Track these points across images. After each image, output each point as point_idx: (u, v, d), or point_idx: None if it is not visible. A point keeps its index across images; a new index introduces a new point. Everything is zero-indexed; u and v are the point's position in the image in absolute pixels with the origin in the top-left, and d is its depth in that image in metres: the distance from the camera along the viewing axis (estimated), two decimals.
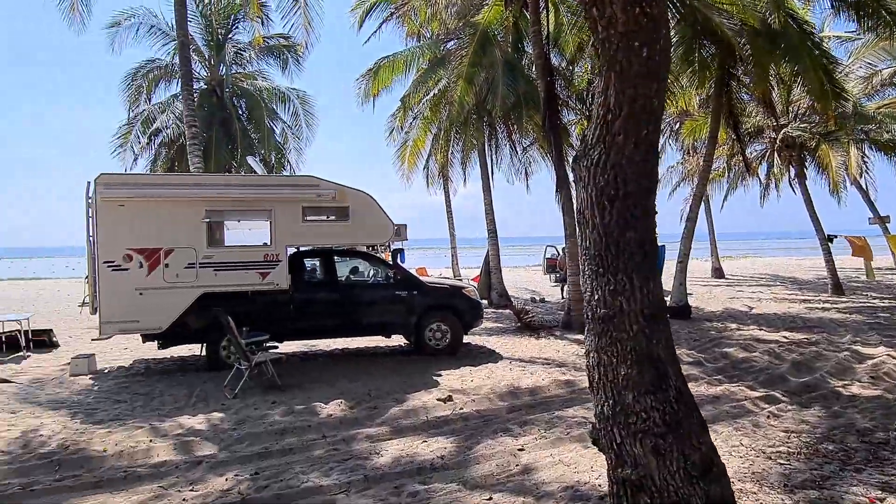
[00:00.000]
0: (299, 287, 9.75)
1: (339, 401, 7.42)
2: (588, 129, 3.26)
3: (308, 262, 10.35)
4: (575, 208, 3.40)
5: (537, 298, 19.59)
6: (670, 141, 26.40)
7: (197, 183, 9.25)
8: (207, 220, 9.05)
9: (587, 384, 3.44)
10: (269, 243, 9.49)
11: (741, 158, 19.37)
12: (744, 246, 75.80)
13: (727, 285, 24.02)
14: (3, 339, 11.07)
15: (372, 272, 10.82)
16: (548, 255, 25.65)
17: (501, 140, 19.76)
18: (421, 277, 11.21)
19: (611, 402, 3.06)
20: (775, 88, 17.15)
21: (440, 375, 8.90)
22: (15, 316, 11.41)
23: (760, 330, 12.36)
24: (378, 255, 11.44)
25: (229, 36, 23.10)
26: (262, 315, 9.48)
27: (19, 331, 11.01)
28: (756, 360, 9.38)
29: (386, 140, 21.37)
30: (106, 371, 9.58)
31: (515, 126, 17.61)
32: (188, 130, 12.68)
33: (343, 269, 10.69)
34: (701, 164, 16.44)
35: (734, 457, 5.28)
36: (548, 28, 13.07)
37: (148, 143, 22.20)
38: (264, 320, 9.43)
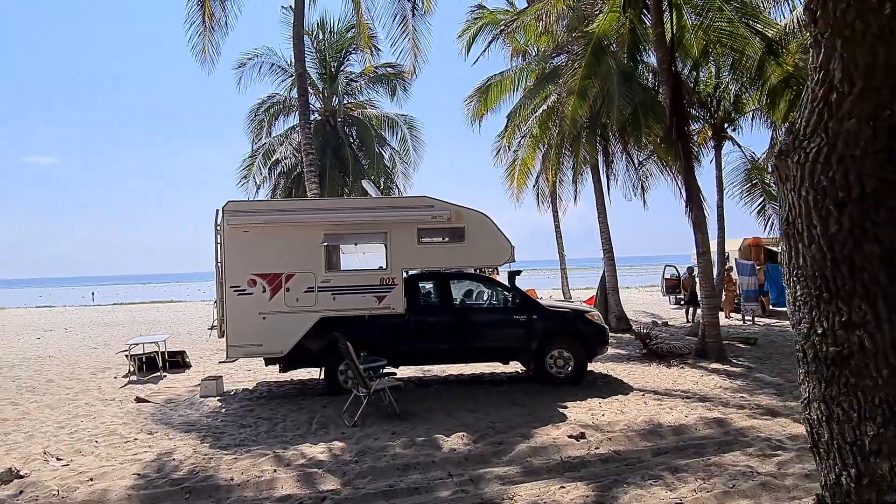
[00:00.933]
0: (415, 311, 9.49)
1: (462, 434, 6.94)
2: (799, 115, 2.57)
3: (423, 286, 10.09)
4: (781, 217, 2.68)
5: (659, 322, 18.16)
6: None
7: (315, 208, 9.35)
8: (325, 244, 9.05)
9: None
10: (384, 267, 9.35)
11: None
12: None
13: None
14: (144, 360, 11.78)
15: (488, 295, 10.36)
16: (667, 276, 23.99)
17: (616, 155, 18.74)
18: (560, 301, 10.59)
19: (852, 471, 2.31)
20: None
21: (566, 408, 8.19)
22: (154, 338, 12.18)
23: None
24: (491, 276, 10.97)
25: (341, 68, 24.10)
26: (378, 339, 9.31)
27: (157, 352, 11.68)
28: None
29: (493, 160, 21.09)
30: (232, 393, 9.81)
31: (632, 139, 16.59)
32: (305, 158, 13.07)
33: (459, 291, 10.32)
34: None
35: None
36: (672, 31, 12.14)
37: (269, 174, 23.54)
38: (380, 345, 9.25)
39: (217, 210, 9.12)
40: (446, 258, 9.43)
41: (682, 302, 18.63)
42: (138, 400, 9.27)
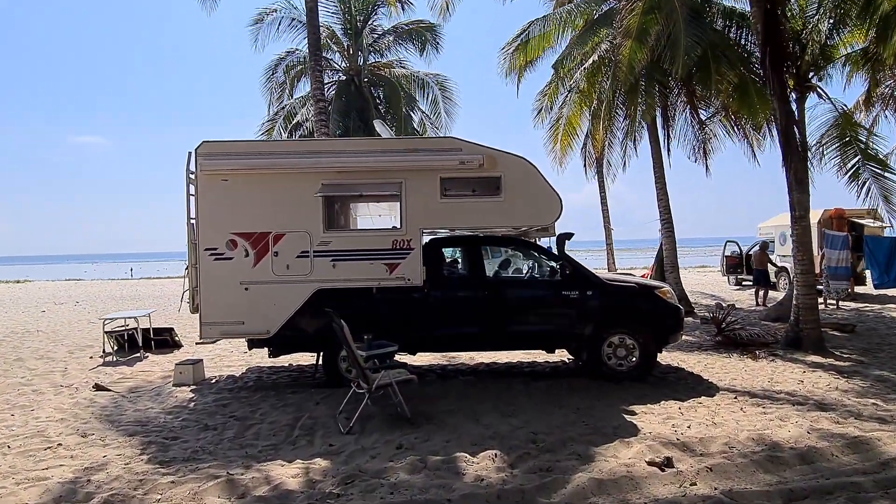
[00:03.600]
0: (437, 283, 7.50)
1: (493, 452, 4.95)
2: None
3: (448, 252, 8.10)
4: None
5: (724, 304, 15.71)
6: (888, 112, 20.85)
7: (312, 150, 7.35)
8: (321, 194, 7.10)
9: None
10: (398, 227, 7.36)
11: None
12: None
13: None
14: (125, 338, 10.15)
15: (531, 265, 8.27)
16: (728, 253, 21.43)
17: (677, 110, 16.19)
18: (624, 274, 8.44)
19: None
20: None
21: (634, 414, 6.11)
22: (130, 313, 10.50)
23: None
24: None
25: (368, 22, 22.03)
26: (389, 319, 7.39)
27: (136, 329, 10.00)
28: None
29: (533, 121, 18.77)
30: (213, 381, 8.04)
31: (700, 87, 14.09)
32: (315, 106, 11.14)
33: (492, 260, 8.27)
34: None
35: None
36: None
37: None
38: (392, 325, 7.33)
39: (189, 153, 7.26)
40: (477, 216, 7.36)
41: (754, 281, 16.12)
42: (97, 387, 7.59)
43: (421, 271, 7.25)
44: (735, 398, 6.65)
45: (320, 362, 7.56)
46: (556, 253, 7.68)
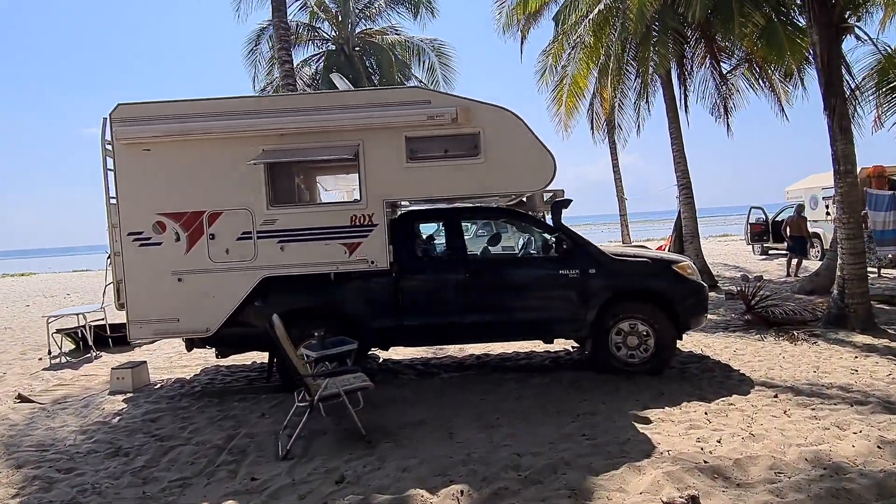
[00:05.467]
0: (408, 266, 6.26)
1: (459, 488, 3.74)
2: None
3: (420, 227, 6.83)
4: None
5: (750, 276, 14.29)
6: None
7: (250, 110, 6.08)
8: (257, 161, 5.86)
9: None
10: (358, 199, 6.11)
11: None
12: None
13: None
14: (80, 336, 9.10)
15: (524, 240, 6.99)
16: (752, 220, 19.88)
17: (694, 63, 14.58)
18: (636, 247, 7.15)
19: None
20: None
21: (649, 423, 4.85)
22: (77, 309, 9.40)
23: None
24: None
25: None
26: (352, 310, 6.20)
27: (84, 326, 8.92)
28: None
29: (538, 84, 17.20)
30: (157, 386, 6.93)
31: (721, 33, 12.50)
32: (280, 68, 9.85)
33: (475, 235, 7.01)
34: None
35: None
36: None
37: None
38: (356, 318, 6.15)
39: (104, 119, 6.05)
40: (452, 183, 6.07)
41: (789, 249, 14.60)
42: (20, 398, 6.53)
43: (387, 251, 6.01)
44: (775, 396, 5.35)
45: (274, 363, 6.40)
46: (552, 223, 6.38)
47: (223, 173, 6.01)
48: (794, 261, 13.99)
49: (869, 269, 13.53)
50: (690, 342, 7.76)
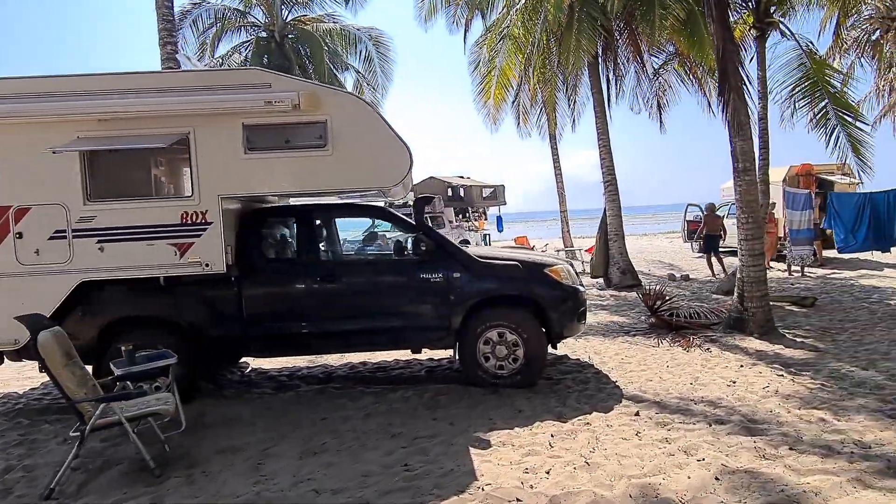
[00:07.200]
0: (251, 269, 5.62)
1: None
2: None
3: (267, 227, 6.16)
4: None
5: (677, 276, 14.05)
6: (864, 59, 19.08)
7: (63, 91, 5.34)
8: (67, 149, 5.13)
9: None
10: (189, 194, 5.44)
11: None
12: None
13: None
14: None
15: (381, 241, 6.40)
16: (689, 217, 19.80)
17: (627, 57, 14.22)
18: (509, 250, 6.60)
19: None
20: None
21: (487, 447, 4.33)
22: None
23: None
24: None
25: None
26: (189, 318, 5.53)
27: None
28: None
29: (471, 76, 16.71)
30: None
31: (641, 28, 12.15)
32: (162, 50, 9.03)
33: (328, 236, 6.40)
34: None
35: None
36: None
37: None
38: (193, 327, 5.48)
39: None
40: (296, 178, 5.44)
41: (703, 249, 14.41)
42: None
43: (223, 253, 5.36)
44: (636, 414, 4.90)
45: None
46: (415, 220, 5.80)
47: (32, 163, 5.26)
48: (714, 259, 13.77)
49: (793, 268, 13.51)
50: (584, 348, 7.34)
